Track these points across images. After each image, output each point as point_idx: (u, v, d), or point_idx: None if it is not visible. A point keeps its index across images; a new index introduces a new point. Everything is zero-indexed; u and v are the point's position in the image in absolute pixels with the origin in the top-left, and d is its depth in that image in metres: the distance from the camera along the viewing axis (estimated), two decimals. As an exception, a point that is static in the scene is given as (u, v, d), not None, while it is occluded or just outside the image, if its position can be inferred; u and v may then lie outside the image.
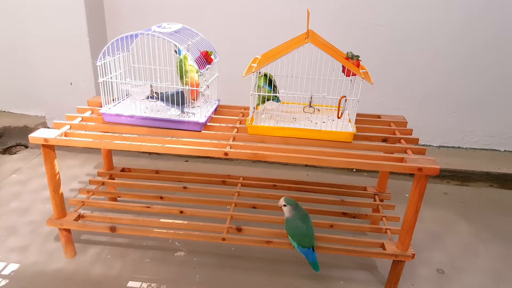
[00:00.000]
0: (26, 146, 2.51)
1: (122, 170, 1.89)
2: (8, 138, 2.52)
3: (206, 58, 1.42)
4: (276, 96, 1.47)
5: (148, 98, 1.47)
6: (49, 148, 1.38)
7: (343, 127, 1.41)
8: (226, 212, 1.58)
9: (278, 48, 1.46)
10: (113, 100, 1.52)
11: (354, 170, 2.34)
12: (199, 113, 1.43)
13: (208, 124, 1.48)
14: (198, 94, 1.45)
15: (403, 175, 2.29)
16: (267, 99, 1.47)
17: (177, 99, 1.43)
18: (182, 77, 1.41)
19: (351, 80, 1.46)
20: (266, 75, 1.46)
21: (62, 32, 2.22)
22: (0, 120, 2.61)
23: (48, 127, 1.87)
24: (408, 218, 1.33)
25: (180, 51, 1.40)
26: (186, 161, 2.41)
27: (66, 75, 2.33)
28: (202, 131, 1.42)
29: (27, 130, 2.51)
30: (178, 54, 1.42)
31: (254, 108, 1.46)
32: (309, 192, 1.80)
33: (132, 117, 1.43)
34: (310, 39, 1.29)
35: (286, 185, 1.83)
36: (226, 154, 1.30)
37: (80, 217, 1.54)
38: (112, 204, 1.69)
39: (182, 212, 1.61)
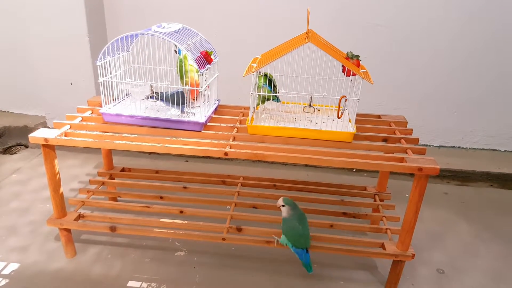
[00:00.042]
0: (26, 146, 2.51)
1: (122, 170, 1.89)
2: (8, 138, 2.52)
3: (206, 58, 1.42)
4: (276, 96, 1.47)
5: (148, 98, 1.47)
6: (49, 148, 1.38)
7: (343, 127, 1.41)
8: (226, 212, 1.58)
9: (278, 48, 1.46)
10: (113, 100, 1.52)
11: (354, 170, 2.34)
12: (199, 113, 1.43)
13: (208, 124, 1.48)
14: (198, 94, 1.45)
15: (403, 175, 2.29)
16: (267, 99, 1.47)
17: (177, 99, 1.43)
18: (182, 77, 1.41)
19: (351, 80, 1.46)
20: (266, 75, 1.46)
21: (62, 32, 2.22)
22: (0, 120, 2.61)
23: (48, 127, 1.87)
24: (408, 218, 1.33)
25: (180, 51, 1.40)
26: (186, 161, 2.41)
27: (66, 75, 2.33)
28: (202, 131, 1.42)
29: (27, 130, 2.51)
30: (178, 54, 1.42)
31: (254, 108, 1.46)
32: (309, 192, 1.80)
33: (132, 117, 1.43)
34: (310, 39, 1.29)
35: (286, 185, 1.83)
36: (226, 154, 1.30)
37: (80, 217, 1.54)
38: (112, 204, 1.69)
39: (182, 212, 1.61)
